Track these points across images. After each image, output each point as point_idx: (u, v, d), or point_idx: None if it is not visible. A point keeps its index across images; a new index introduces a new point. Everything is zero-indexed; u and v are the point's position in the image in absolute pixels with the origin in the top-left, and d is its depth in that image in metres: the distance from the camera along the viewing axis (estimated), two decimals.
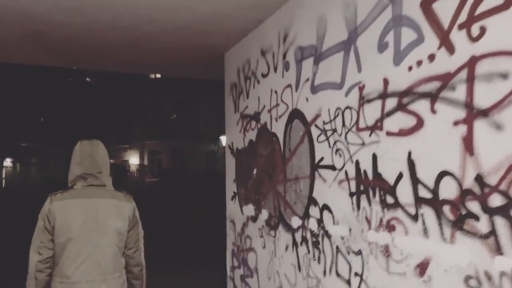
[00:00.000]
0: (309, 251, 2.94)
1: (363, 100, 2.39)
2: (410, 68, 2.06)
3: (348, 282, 2.50)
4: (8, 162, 30.70)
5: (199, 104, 26.32)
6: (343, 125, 2.58)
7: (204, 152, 26.31)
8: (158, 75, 27.47)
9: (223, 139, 22.40)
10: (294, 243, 3.15)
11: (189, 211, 12.21)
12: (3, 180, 30.74)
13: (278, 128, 3.46)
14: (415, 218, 2.02)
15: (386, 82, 2.22)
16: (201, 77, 6.68)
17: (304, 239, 3.01)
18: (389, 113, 2.19)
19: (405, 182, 2.07)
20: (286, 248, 3.27)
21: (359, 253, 2.40)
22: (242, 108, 4.28)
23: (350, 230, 2.49)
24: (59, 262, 1.94)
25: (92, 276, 1.92)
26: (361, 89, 2.41)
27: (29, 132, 23.32)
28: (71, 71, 22.88)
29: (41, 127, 23.67)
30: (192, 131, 26.04)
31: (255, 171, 3.95)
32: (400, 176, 2.10)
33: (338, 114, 2.64)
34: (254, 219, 3.91)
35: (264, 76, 3.74)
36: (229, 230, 4.55)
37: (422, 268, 1.97)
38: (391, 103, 2.18)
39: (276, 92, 3.50)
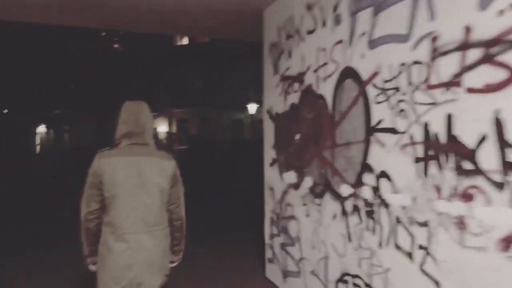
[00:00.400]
0: (361, 221, 2.74)
1: (437, 53, 2.09)
2: (501, 12, 1.75)
3: (409, 255, 2.29)
4: (42, 128, 31.67)
5: (226, 71, 26.00)
6: (409, 83, 2.29)
7: (231, 120, 26.22)
8: (185, 41, 27.20)
9: (251, 108, 22.21)
10: (344, 212, 2.95)
11: (220, 178, 12.23)
12: (38, 146, 31.85)
13: (326, 90, 3.19)
14: (500, 186, 1.76)
15: (468, 30, 1.90)
16: (237, 38, 6.38)
17: (355, 208, 2.81)
18: (472, 67, 1.89)
19: (490, 146, 1.80)
20: (334, 217, 3.08)
21: (424, 224, 2.18)
22: (283, 70, 4.01)
23: (414, 199, 2.26)
24: (109, 214, 2.07)
25: (138, 228, 2.04)
26: (434, 40, 2.10)
27: (61, 99, 23.76)
28: (100, 38, 22.92)
29: (72, 94, 24.06)
30: (219, 99, 25.89)
31: (297, 137, 3.72)
32: (483, 139, 1.83)
33: (402, 71, 2.34)
34: (296, 186, 3.72)
35: (310, 33, 3.44)
36: (268, 197, 4.40)
37: (507, 242, 1.73)
38: (474, 54, 1.88)
39: (324, 49, 3.21)
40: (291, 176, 3.83)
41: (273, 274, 4.26)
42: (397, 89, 2.39)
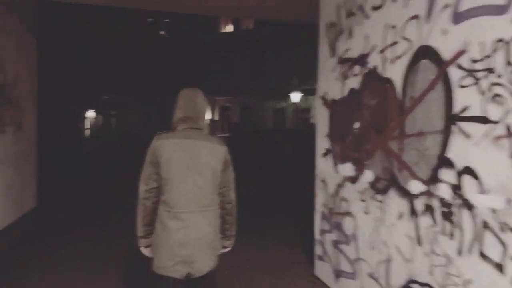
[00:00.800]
0: (435, 223, 2.39)
1: None
2: None
3: (499, 266, 1.94)
4: (91, 113, 32.90)
5: (270, 60, 25.65)
6: (508, 62, 1.90)
7: (273, 108, 25.91)
8: (229, 29, 27.07)
9: (293, 96, 21.78)
10: (413, 211, 2.61)
11: (264, 167, 12.04)
12: (88, 130, 33.20)
13: (394, 72, 2.83)
14: None
15: None
16: (290, 20, 6.07)
17: (428, 208, 2.46)
18: None
19: None
20: (400, 216, 2.74)
21: None
22: (341, 52, 3.67)
23: (509, 201, 1.89)
24: (165, 193, 2.15)
25: (192, 207, 2.12)
26: None
27: (109, 85, 24.45)
28: (147, 25, 23.27)
29: (119, 80, 24.68)
30: (262, 87, 25.64)
31: (357, 125, 3.39)
32: None
33: (499, 48, 1.96)
34: (354, 180, 3.40)
35: (376, 8, 3.07)
36: (319, 190, 4.10)
37: None
38: None
39: (393, 27, 2.84)
40: (347, 169, 3.51)
41: (323, 272, 3.98)
42: (490, 70, 2.01)
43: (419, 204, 2.54)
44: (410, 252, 2.62)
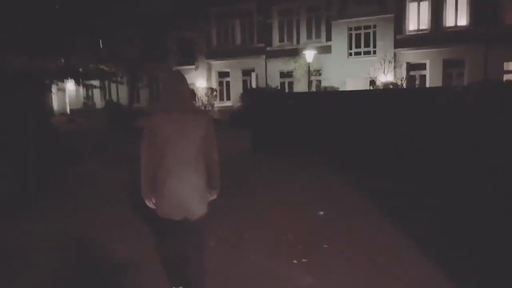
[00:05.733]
0: None
1: None
2: None
3: None
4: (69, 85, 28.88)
5: (272, 14, 22.70)
6: None
7: (280, 70, 23.13)
8: None
9: (307, 54, 18.93)
10: None
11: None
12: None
13: None
14: None
15: None
16: None
17: None
18: None
19: None
20: None
21: None
22: None
23: None
24: (162, 158, 2.66)
25: (184, 167, 2.65)
26: None
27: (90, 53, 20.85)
28: None
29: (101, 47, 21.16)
30: (264, 47, 22.79)
31: None
32: None
33: None
34: None
35: None
36: None
37: None
38: None
39: None
40: None
41: None
42: None
43: None
44: None
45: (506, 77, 17.74)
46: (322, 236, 4.22)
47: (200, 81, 24.70)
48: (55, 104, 29.46)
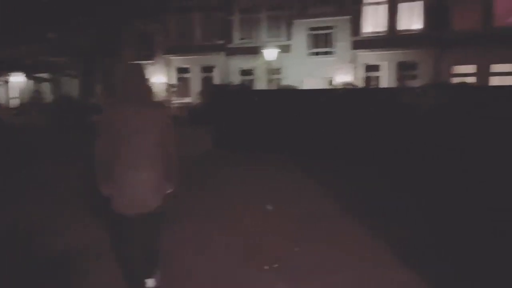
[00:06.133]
0: None
1: None
2: None
3: None
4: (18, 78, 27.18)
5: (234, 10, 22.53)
6: None
7: (240, 68, 23.02)
8: None
9: (268, 53, 19.01)
10: None
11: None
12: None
13: None
14: None
15: None
16: None
17: None
18: None
19: None
20: None
21: None
22: None
23: None
24: (119, 152, 2.63)
25: (140, 160, 2.64)
26: None
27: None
28: None
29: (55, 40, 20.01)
30: (225, 44, 22.58)
31: None
32: None
33: None
34: None
35: None
36: None
37: None
38: None
39: None
40: None
41: None
42: None
43: None
44: None
45: (454, 80, 18.68)
46: (291, 238, 4.09)
47: (158, 76, 24.05)
48: (2, 97, 27.68)
